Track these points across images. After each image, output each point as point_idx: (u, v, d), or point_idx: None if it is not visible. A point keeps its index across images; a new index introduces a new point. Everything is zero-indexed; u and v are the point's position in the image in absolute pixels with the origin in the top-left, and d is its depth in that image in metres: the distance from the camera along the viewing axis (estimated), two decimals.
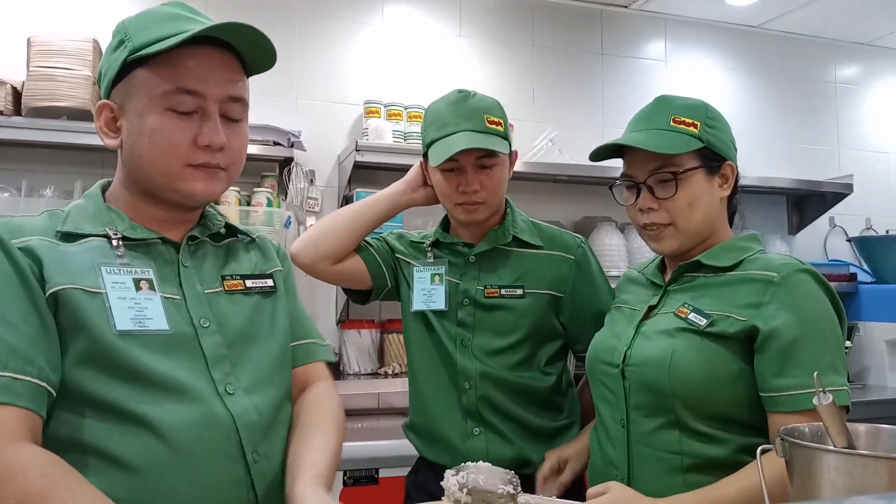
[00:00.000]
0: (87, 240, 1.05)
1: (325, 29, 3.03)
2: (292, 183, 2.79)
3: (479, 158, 1.54)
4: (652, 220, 1.34)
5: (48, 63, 2.41)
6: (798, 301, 1.23)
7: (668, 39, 3.59)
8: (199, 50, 1.04)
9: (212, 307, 1.10)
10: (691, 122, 1.33)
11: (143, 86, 1.04)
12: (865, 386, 3.20)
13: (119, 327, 0.99)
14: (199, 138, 1.05)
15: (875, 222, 3.80)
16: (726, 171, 1.36)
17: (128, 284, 1.03)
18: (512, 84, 3.31)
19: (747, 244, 1.36)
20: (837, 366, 1.21)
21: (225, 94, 1.07)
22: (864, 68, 3.95)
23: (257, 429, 1.06)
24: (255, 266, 1.21)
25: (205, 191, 1.08)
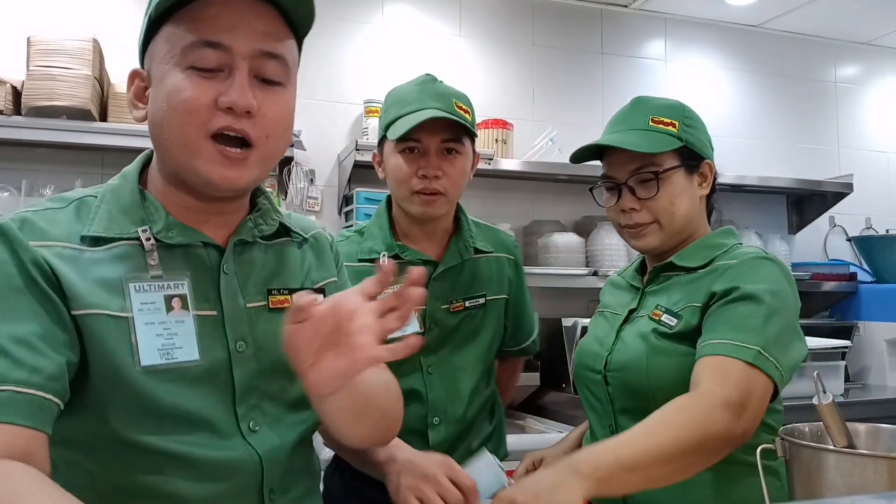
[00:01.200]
0: (115, 244, 0.92)
1: (325, 28, 3.02)
2: (292, 182, 2.79)
3: (445, 142, 1.44)
4: (635, 220, 1.35)
5: (48, 62, 2.41)
6: (752, 274, 1.23)
7: (668, 39, 3.59)
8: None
9: (251, 326, 0.97)
10: (670, 122, 1.35)
11: (167, 42, 0.90)
12: (865, 385, 3.20)
13: (144, 362, 0.88)
14: (222, 98, 0.88)
15: (875, 222, 3.79)
16: (705, 170, 1.38)
17: (158, 304, 0.91)
18: (512, 83, 3.30)
19: (721, 240, 1.36)
20: (787, 347, 1.18)
21: (255, 47, 0.90)
22: (863, 68, 3.95)
23: (280, 468, 0.98)
24: (307, 275, 1.07)
25: (224, 177, 0.91)
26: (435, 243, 1.53)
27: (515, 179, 3.17)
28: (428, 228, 1.51)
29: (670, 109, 1.37)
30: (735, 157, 3.57)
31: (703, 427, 1.07)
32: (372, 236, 1.51)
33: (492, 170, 2.88)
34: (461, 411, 1.52)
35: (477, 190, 3.14)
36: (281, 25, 0.95)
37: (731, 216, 3.46)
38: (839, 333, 3.10)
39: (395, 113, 1.47)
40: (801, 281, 3.34)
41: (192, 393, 0.92)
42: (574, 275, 2.94)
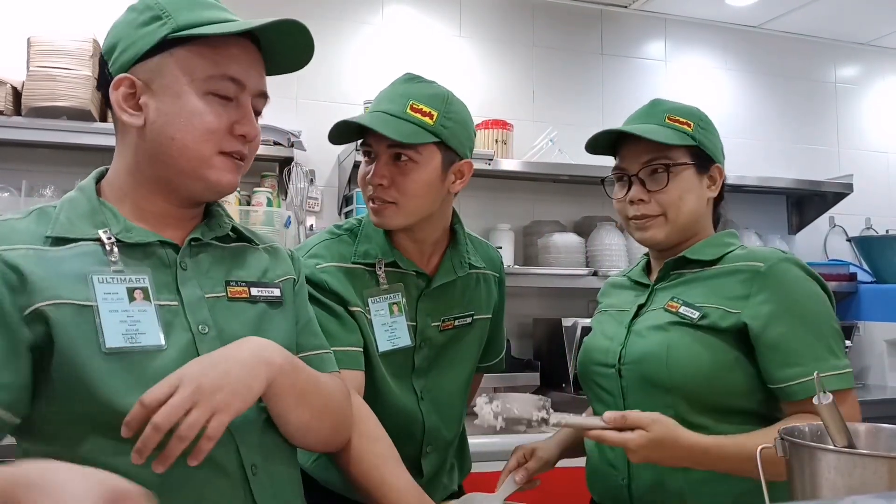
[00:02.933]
0: (77, 244, 0.98)
1: (325, 29, 3.03)
2: (292, 183, 2.79)
3: (392, 147, 1.31)
4: (642, 211, 1.36)
5: (48, 63, 2.41)
6: (787, 290, 1.27)
7: (668, 39, 3.59)
8: (239, 41, 1.03)
9: (212, 313, 1.03)
10: (685, 122, 1.38)
11: (185, 67, 1.00)
12: (865, 385, 3.20)
13: (109, 344, 0.93)
14: (237, 126, 1.03)
15: (875, 222, 3.79)
16: (714, 173, 1.40)
17: (121, 295, 0.96)
18: (512, 84, 3.31)
19: (728, 240, 1.40)
20: (835, 349, 1.25)
21: (259, 88, 1.07)
22: (863, 68, 3.95)
23: (253, 439, 1.02)
24: (263, 272, 1.14)
25: (231, 182, 1.05)
26: (426, 257, 1.43)
27: (515, 180, 3.17)
28: (411, 238, 1.40)
29: (687, 111, 1.41)
30: (735, 157, 3.54)
31: None
32: (367, 238, 1.40)
33: (492, 170, 2.88)
34: (451, 437, 1.49)
35: (477, 190, 3.15)
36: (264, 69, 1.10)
37: (732, 216, 3.44)
38: None
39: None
40: None
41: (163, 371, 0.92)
42: (574, 275, 2.94)
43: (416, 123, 1.30)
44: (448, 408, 1.47)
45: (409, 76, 1.40)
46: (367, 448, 1.23)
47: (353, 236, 1.42)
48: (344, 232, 1.43)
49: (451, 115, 1.35)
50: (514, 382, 2.90)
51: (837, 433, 1.04)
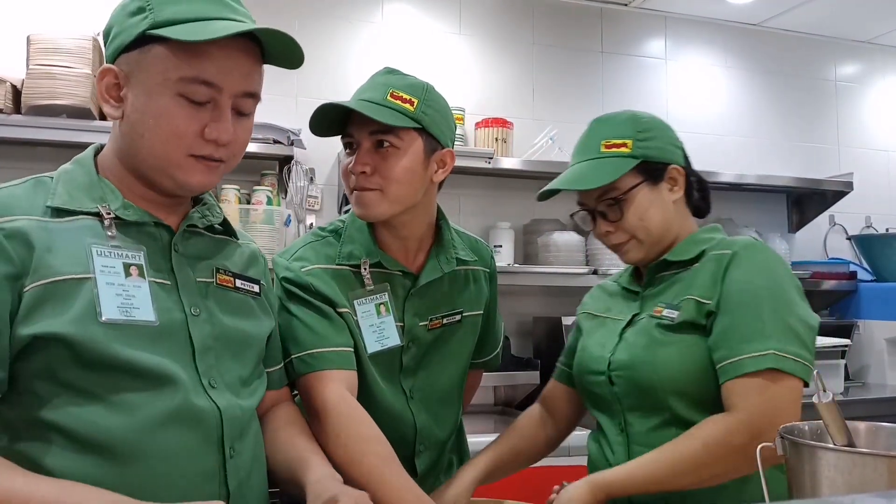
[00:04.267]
0: (77, 218, 0.99)
1: (325, 27, 3.02)
2: (292, 181, 2.79)
3: (374, 135, 1.30)
4: (612, 241, 1.38)
5: (48, 61, 2.41)
6: (745, 272, 1.26)
7: (668, 37, 3.58)
8: (223, 40, 0.98)
9: (202, 297, 1.06)
10: (622, 143, 1.35)
11: (159, 64, 0.98)
12: (865, 384, 3.20)
13: (105, 315, 0.95)
14: (208, 131, 1.00)
15: (875, 220, 3.79)
16: (672, 175, 1.37)
17: (117, 269, 0.98)
18: (512, 82, 3.30)
19: (709, 235, 1.39)
20: (803, 337, 1.22)
21: (241, 89, 1.02)
22: (864, 66, 3.94)
23: (239, 424, 1.05)
24: (246, 268, 1.18)
25: (202, 182, 1.04)
26: (412, 255, 1.42)
27: (515, 178, 3.17)
28: (395, 235, 1.39)
29: (622, 127, 1.37)
30: (735, 155, 3.57)
31: (719, 458, 1.18)
32: (351, 239, 1.39)
33: (492, 168, 2.88)
34: (445, 436, 1.49)
35: (477, 189, 3.15)
36: (259, 61, 1.05)
37: (731, 215, 3.46)
38: (839, 332, 3.10)
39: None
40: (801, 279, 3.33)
41: (150, 346, 0.98)
42: (574, 273, 2.94)
43: (396, 109, 1.30)
44: (440, 406, 1.46)
45: (388, 69, 1.41)
46: (366, 449, 1.24)
47: (338, 237, 1.41)
48: (328, 233, 1.42)
49: (431, 104, 1.36)
50: (513, 381, 2.90)
51: (837, 432, 1.04)
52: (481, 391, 3.03)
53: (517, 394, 3.03)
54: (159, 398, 0.97)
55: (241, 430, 1.06)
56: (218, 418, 1.02)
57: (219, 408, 1.02)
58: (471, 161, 2.87)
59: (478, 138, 3.06)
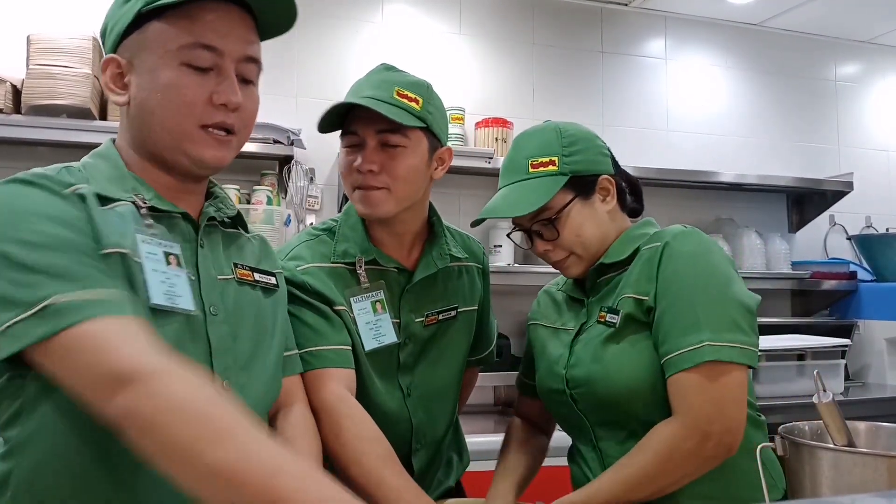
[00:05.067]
0: (117, 204, 0.98)
1: (325, 27, 3.02)
2: (292, 181, 2.79)
3: (382, 133, 1.31)
4: (552, 258, 1.36)
5: (48, 61, 2.41)
6: (676, 262, 1.23)
7: (668, 37, 3.58)
8: (217, 5, 1.00)
9: (222, 295, 1.06)
10: (549, 161, 1.32)
11: (158, 39, 0.99)
12: (865, 384, 3.20)
13: (154, 300, 0.94)
14: (216, 96, 1.00)
15: (875, 220, 3.79)
16: (603, 185, 1.35)
17: (159, 256, 0.98)
18: (512, 82, 3.30)
19: (641, 231, 1.36)
20: (738, 321, 1.19)
21: (243, 53, 1.02)
22: (864, 66, 3.94)
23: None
24: (259, 262, 1.17)
25: (215, 157, 1.03)
26: (406, 250, 1.43)
27: None
28: (391, 231, 1.40)
29: (546, 147, 1.33)
30: (735, 155, 3.57)
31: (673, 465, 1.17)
32: (345, 238, 1.40)
33: (492, 168, 2.88)
34: (441, 433, 1.49)
35: (477, 189, 3.15)
36: (256, 32, 1.06)
37: (732, 215, 3.46)
38: (839, 332, 3.10)
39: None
40: (801, 279, 3.35)
41: (185, 340, 0.98)
42: None
43: (404, 108, 1.31)
44: (437, 404, 1.46)
45: (385, 66, 1.43)
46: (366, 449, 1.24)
47: (332, 235, 1.41)
48: (322, 232, 1.43)
49: (433, 102, 1.38)
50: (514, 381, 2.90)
51: (837, 432, 1.04)
52: (481, 391, 3.04)
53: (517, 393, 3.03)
54: None
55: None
56: None
57: None
58: (471, 161, 2.87)
59: (478, 138, 3.06)
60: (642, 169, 3.11)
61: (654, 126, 3.49)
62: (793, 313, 3.57)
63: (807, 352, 2.74)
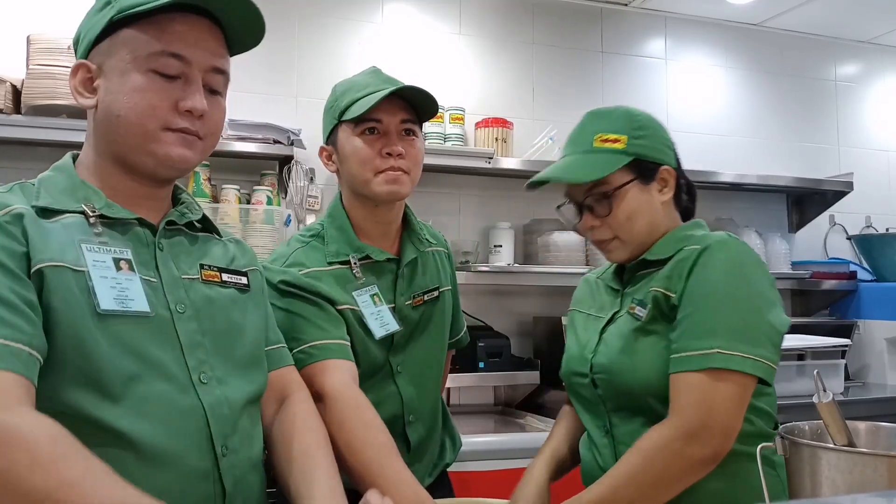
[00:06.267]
0: (63, 216, 1.01)
1: (325, 27, 3.02)
2: (292, 181, 2.79)
3: (404, 122, 1.45)
4: (596, 237, 1.37)
5: (48, 61, 2.41)
6: (710, 268, 1.23)
7: (668, 37, 3.59)
8: (187, 17, 1.04)
9: (188, 293, 1.07)
10: (616, 139, 1.33)
11: (129, 45, 1.03)
12: (865, 384, 3.20)
13: (103, 306, 0.96)
14: (181, 103, 1.03)
15: (875, 220, 3.80)
16: (664, 175, 1.35)
17: (108, 263, 1.00)
18: (512, 82, 3.30)
19: (689, 232, 1.35)
20: (759, 336, 1.18)
21: (210, 64, 1.06)
22: (864, 66, 3.94)
23: (227, 422, 1.05)
24: (231, 261, 1.19)
25: (181, 155, 1.05)
26: (391, 240, 1.53)
27: (515, 178, 3.17)
28: (384, 220, 1.50)
29: (618, 123, 1.35)
30: (735, 155, 3.57)
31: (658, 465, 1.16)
32: (334, 240, 1.48)
33: (492, 168, 2.88)
34: (429, 406, 1.56)
35: (477, 189, 3.15)
36: (225, 46, 1.11)
37: (732, 215, 3.46)
38: (839, 332, 3.10)
39: (350, 97, 1.47)
40: (801, 279, 3.35)
41: (149, 340, 1.00)
42: (574, 273, 2.93)
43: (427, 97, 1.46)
44: (424, 379, 1.54)
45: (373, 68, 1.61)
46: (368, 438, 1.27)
47: (322, 240, 1.50)
48: (311, 237, 1.51)
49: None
50: (514, 381, 2.90)
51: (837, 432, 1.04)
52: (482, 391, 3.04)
53: (517, 394, 3.03)
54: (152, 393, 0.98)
55: (231, 427, 1.05)
56: (203, 416, 1.02)
57: (203, 405, 1.02)
58: (471, 161, 2.87)
59: (478, 138, 3.06)
60: None
61: None
62: (793, 313, 3.57)
63: (807, 352, 2.74)
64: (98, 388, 0.94)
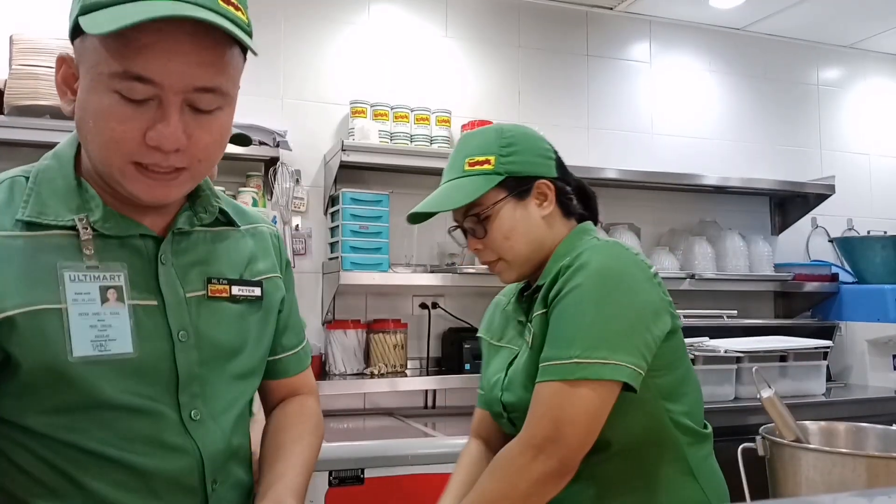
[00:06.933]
0: (50, 232, 0.89)
1: (311, 28, 3.02)
2: (278, 183, 2.78)
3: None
4: (482, 258, 1.35)
5: (31, 61, 2.39)
6: (583, 275, 1.17)
7: (653, 41, 3.61)
8: (159, 25, 0.80)
9: (192, 316, 0.96)
10: (484, 160, 1.31)
11: (91, 58, 0.84)
12: (847, 385, 3.23)
13: (76, 353, 0.86)
14: (150, 135, 0.84)
15: (857, 223, 3.84)
16: (541, 189, 1.31)
17: (93, 296, 0.88)
18: (498, 85, 3.31)
19: (572, 244, 1.29)
20: (616, 337, 1.13)
21: (189, 84, 0.84)
22: (846, 71, 3.99)
23: (220, 456, 0.98)
24: (246, 265, 1.06)
25: (155, 196, 0.89)
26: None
27: None
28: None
29: (484, 145, 1.32)
30: (718, 158, 3.60)
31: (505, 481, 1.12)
32: None
33: None
34: None
35: None
36: (221, 45, 0.86)
37: (715, 217, 3.49)
38: (821, 333, 3.13)
39: None
40: (783, 281, 3.38)
41: (134, 380, 0.91)
42: None
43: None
44: None
45: None
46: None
47: None
48: None
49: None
50: None
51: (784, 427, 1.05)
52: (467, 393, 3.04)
53: None
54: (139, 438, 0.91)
55: (224, 460, 1.00)
56: (197, 457, 0.95)
57: (198, 446, 0.95)
58: None
59: None
60: (626, 171, 3.13)
61: (639, 129, 3.51)
62: (775, 315, 3.60)
63: (789, 353, 2.76)
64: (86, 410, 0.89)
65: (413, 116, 2.97)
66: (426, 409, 2.97)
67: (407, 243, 2.95)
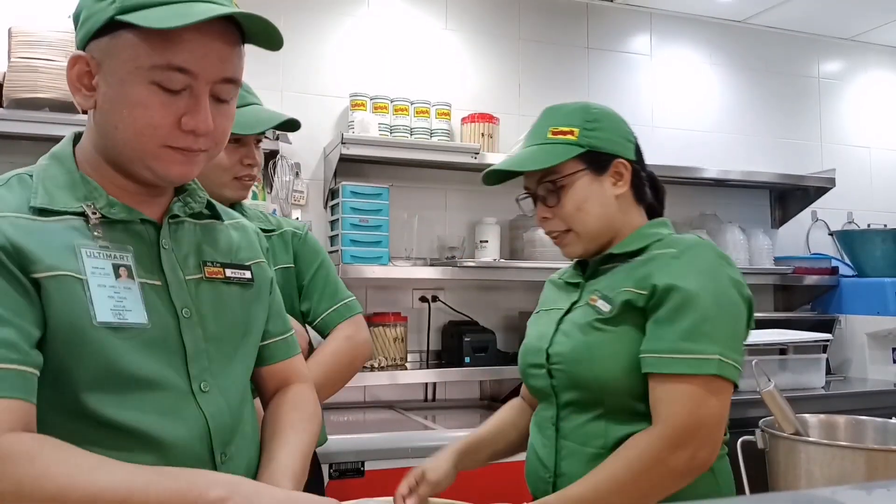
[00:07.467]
0: (61, 218, 0.96)
1: (310, 21, 3.01)
2: (277, 176, 2.78)
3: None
4: (549, 228, 1.38)
5: (30, 54, 2.38)
6: (693, 269, 1.22)
7: (654, 33, 3.60)
8: (198, 24, 0.92)
9: (192, 295, 1.03)
10: (568, 130, 1.35)
11: (130, 52, 0.93)
12: (846, 378, 3.24)
13: (100, 318, 0.92)
14: (185, 121, 0.95)
15: (857, 216, 3.83)
16: (618, 168, 1.34)
17: (107, 270, 0.95)
18: (498, 77, 3.30)
19: (655, 230, 1.35)
20: (738, 340, 1.19)
21: (219, 75, 0.97)
22: (846, 63, 3.98)
23: (227, 429, 1.03)
24: (234, 253, 1.14)
25: (181, 173, 1.00)
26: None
27: None
28: None
29: (570, 116, 1.38)
30: (719, 151, 3.59)
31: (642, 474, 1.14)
32: None
33: (478, 164, 2.88)
34: None
35: (463, 184, 3.15)
36: (238, 43, 1.00)
37: (715, 210, 3.48)
38: (821, 327, 3.14)
39: None
40: (783, 275, 3.38)
41: (147, 353, 0.96)
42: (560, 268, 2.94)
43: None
44: None
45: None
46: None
47: None
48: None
49: None
50: (499, 376, 2.91)
51: (783, 420, 1.05)
52: (467, 386, 3.05)
53: (503, 388, 3.04)
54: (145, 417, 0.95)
55: (231, 433, 1.04)
56: (205, 426, 1.00)
57: (205, 415, 1.00)
58: (457, 156, 2.87)
59: (464, 133, 3.06)
60: None
61: (639, 122, 3.51)
62: (775, 308, 3.60)
63: (789, 346, 2.77)
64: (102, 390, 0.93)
65: (413, 109, 2.97)
66: (426, 402, 2.98)
67: (407, 236, 2.94)
